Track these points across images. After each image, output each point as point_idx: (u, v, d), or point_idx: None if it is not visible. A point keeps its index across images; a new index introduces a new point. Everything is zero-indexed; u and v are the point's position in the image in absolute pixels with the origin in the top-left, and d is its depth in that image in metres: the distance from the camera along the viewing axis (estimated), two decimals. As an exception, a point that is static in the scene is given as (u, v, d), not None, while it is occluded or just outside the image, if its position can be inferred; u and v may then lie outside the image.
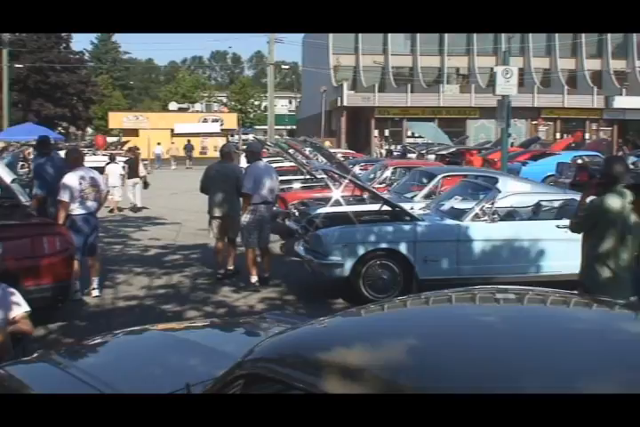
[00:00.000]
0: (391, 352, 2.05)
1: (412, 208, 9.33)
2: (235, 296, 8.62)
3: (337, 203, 10.47)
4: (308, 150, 19.94)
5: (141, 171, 18.81)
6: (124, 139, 45.64)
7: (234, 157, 10.30)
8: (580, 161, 21.91)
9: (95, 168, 9.98)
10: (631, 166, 17.58)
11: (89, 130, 74.72)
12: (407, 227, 8.41)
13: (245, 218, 9.10)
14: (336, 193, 11.04)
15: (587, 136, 47.51)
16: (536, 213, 9.32)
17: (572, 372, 1.84)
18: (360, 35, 52.01)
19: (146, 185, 18.77)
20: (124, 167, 18.75)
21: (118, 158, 20.32)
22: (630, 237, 5.24)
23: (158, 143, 43.01)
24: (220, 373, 2.47)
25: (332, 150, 28.33)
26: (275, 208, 12.88)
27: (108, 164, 18.52)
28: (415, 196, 11.19)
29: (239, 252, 9.72)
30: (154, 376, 3.29)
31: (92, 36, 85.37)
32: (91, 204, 8.42)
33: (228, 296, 8.63)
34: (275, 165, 20.20)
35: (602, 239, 5.29)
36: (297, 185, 14.80)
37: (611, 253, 5.25)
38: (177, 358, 3.46)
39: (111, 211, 17.23)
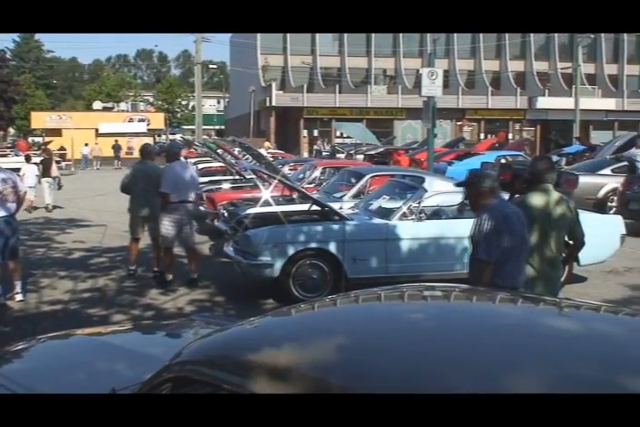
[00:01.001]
0: (321, 352, 2.05)
1: (340, 208, 9.39)
2: (163, 299, 8.51)
3: (266, 203, 10.44)
4: (237, 150, 19.84)
5: (54, 171, 18.60)
6: (47, 139, 44.57)
7: (154, 157, 10.20)
8: (503, 161, 22.37)
9: (12, 169, 9.77)
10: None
11: (11, 130, 72.54)
12: (336, 226, 8.46)
13: (164, 217, 9.08)
14: (265, 193, 11.02)
15: (510, 136, 48.70)
16: (461, 211, 9.49)
17: (498, 368, 1.87)
18: (288, 35, 52.06)
19: (59, 186, 18.58)
20: (38, 167, 18.45)
21: (34, 159, 20.01)
22: (554, 234, 5.39)
23: (86, 144, 42.40)
24: (147, 377, 2.43)
25: (271, 151, 28.33)
26: (202, 209, 12.79)
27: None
28: (344, 195, 11.25)
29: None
30: (79, 382, 3.21)
31: (14, 35, 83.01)
32: (10, 205, 8.19)
33: (155, 299, 8.51)
34: (203, 165, 20.14)
35: (525, 236, 5.43)
36: (226, 185, 14.69)
37: (535, 249, 5.38)
38: (103, 363, 3.39)
39: (27, 210, 16.79)
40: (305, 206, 9.55)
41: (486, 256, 4.81)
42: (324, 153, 38.22)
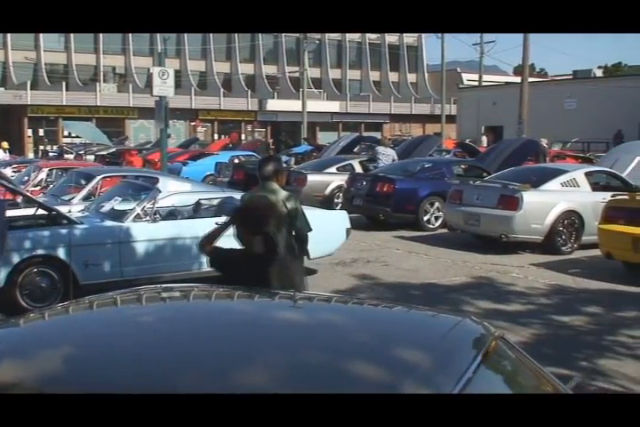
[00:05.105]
0: (47, 363, 1.95)
1: (69, 211, 8.97)
2: None
3: (-15, 208, 9.66)
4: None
5: None
6: None
7: None
8: (236, 161, 22.89)
9: None
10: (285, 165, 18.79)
11: None
12: (64, 231, 8.05)
13: None
14: (-16, 198, 10.21)
15: (243, 137, 49.95)
16: (196, 211, 9.54)
17: (232, 363, 1.90)
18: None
19: None
20: None
21: None
22: (281, 231, 5.56)
23: None
24: None
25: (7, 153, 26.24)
26: None
27: None
28: (73, 198, 10.77)
29: None
30: None
31: None
32: None
33: None
34: None
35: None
36: (-63, 190, 13.38)
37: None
38: None
39: None
40: (30, 211, 8.99)
41: None
42: (50, 154, 36.29)
